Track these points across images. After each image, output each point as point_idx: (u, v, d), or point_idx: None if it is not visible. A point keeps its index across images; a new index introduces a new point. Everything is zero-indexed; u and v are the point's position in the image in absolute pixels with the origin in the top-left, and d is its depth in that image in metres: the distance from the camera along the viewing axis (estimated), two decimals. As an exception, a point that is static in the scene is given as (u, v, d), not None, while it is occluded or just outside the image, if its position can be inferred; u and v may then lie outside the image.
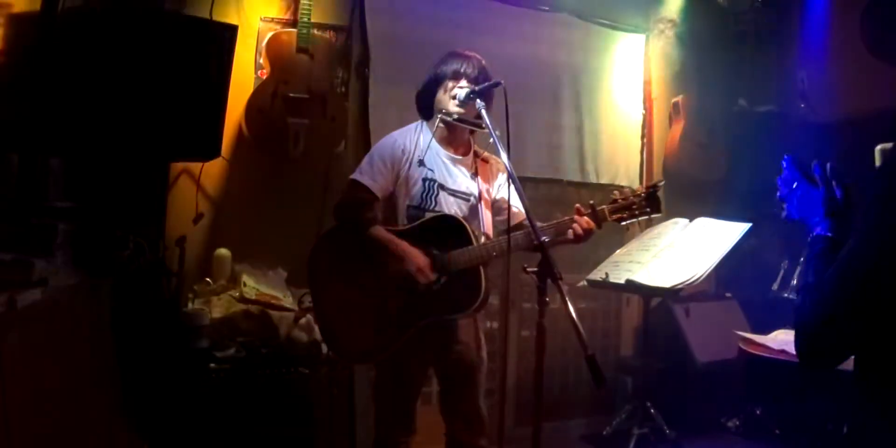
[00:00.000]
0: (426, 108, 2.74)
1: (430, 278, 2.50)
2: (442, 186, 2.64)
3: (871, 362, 1.29)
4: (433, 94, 2.68)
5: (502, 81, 2.35)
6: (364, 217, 2.60)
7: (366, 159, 2.68)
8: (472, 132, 2.75)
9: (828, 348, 1.30)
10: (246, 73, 3.56)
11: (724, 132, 4.97)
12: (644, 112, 4.87)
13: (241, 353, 3.06)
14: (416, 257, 2.51)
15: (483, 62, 2.70)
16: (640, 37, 4.83)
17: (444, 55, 2.73)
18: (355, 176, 2.64)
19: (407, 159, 2.63)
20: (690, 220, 3.85)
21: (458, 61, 2.66)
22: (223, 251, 3.43)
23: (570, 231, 2.48)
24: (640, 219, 2.52)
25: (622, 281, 3.53)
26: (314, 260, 2.71)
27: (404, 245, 2.54)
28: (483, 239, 2.62)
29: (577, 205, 2.54)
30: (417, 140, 2.67)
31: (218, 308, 3.18)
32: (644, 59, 4.86)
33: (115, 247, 2.11)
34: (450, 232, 2.55)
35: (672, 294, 3.56)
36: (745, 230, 3.54)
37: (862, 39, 4.49)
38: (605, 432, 4.25)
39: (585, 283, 3.78)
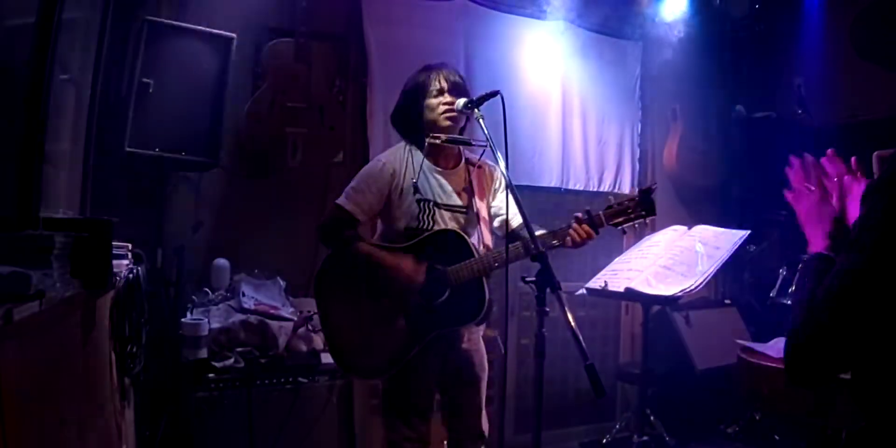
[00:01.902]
0: (410, 129, 2.71)
1: (419, 281, 2.53)
2: (437, 204, 2.63)
3: (867, 374, 1.28)
4: (418, 113, 2.65)
5: (500, 91, 2.35)
6: (344, 235, 2.61)
7: (352, 183, 2.66)
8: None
9: (814, 365, 1.28)
10: (244, 82, 3.57)
11: (722, 138, 4.98)
12: (642, 119, 4.88)
13: (240, 364, 3.06)
14: (401, 265, 2.53)
15: (454, 68, 2.71)
16: (637, 44, 4.84)
17: (414, 72, 2.72)
18: (339, 200, 2.63)
19: (398, 183, 2.62)
20: (689, 228, 3.85)
21: (430, 75, 2.65)
22: (222, 261, 3.42)
23: (568, 238, 2.49)
24: (635, 222, 2.54)
25: (621, 289, 3.52)
26: (320, 282, 2.72)
27: (386, 255, 2.56)
28: (482, 249, 2.62)
29: (577, 214, 2.54)
30: (407, 161, 2.65)
31: (217, 318, 3.17)
32: (641, 66, 4.87)
33: (114, 257, 2.10)
34: (450, 246, 2.56)
35: (671, 301, 3.56)
36: (744, 237, 3.54)
37: (851, 42, 4.50)
38: (605, 440, 4.24)
39: (584, 291, 3.78)
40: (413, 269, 2.54)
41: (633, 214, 2.53)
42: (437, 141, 2.60)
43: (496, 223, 2.81)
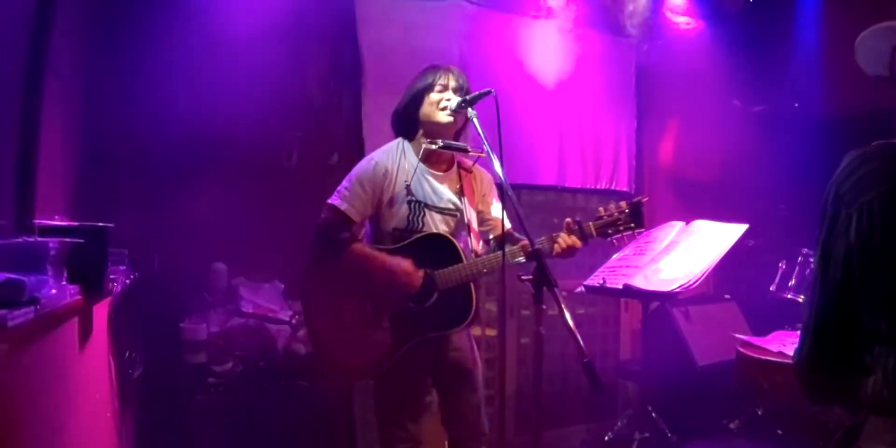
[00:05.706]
0: (408, 126, 2.70)
1: (417, 285, 2.51)
2: (427, 206, 2.62)
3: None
4: (417, 108, 2.64)
5: (493, 90, 2.35)
6: (340, 238, 2.59)
7: (344, 183, 2.63)
8: (456, 139, 2.73)
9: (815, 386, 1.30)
10: (239, 84, 3.56)
11: (719, 133, 4.98)
12: (638, 115, 4.88)
13: (239, 367, 3.06)
14: (401, 266, 2.51)
15: (460, 71, 2.70)
16: (633, 40, 4.84)
17: (420, 71, 2.71)
18: (332, 200, 2.60)
19: (390, 183, 2.60)
20: (687, 223, 3.85)
21: (437, 73, 2.64)
22: (219, 265, 3.42)
23: (555, 246, 2.48)
24: (623, 234, 2.54)
25: (619, 286, 3.51)
26: (306, 283, 2.71)
27: (384, 257, 2.54)
28: (472, 254, 2.62)
29: (567, 220, 2.54)
30: (400, 162, 2.64)
31: (215, 322, 3.17)
32: (637, 62, 4.87)
33: (110, 263, 2.10)
34: (439, 250, 2.55)
35: (670, 297, 3.55)
36: (743, 231, 3.53)
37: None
38: (606, 438, 4.24)
39: (583, 288, 3.78)
40: None
41: (622, 227, 2.53)
42: (434, 147, 2.59)
43: (485, 227, 2.82)
